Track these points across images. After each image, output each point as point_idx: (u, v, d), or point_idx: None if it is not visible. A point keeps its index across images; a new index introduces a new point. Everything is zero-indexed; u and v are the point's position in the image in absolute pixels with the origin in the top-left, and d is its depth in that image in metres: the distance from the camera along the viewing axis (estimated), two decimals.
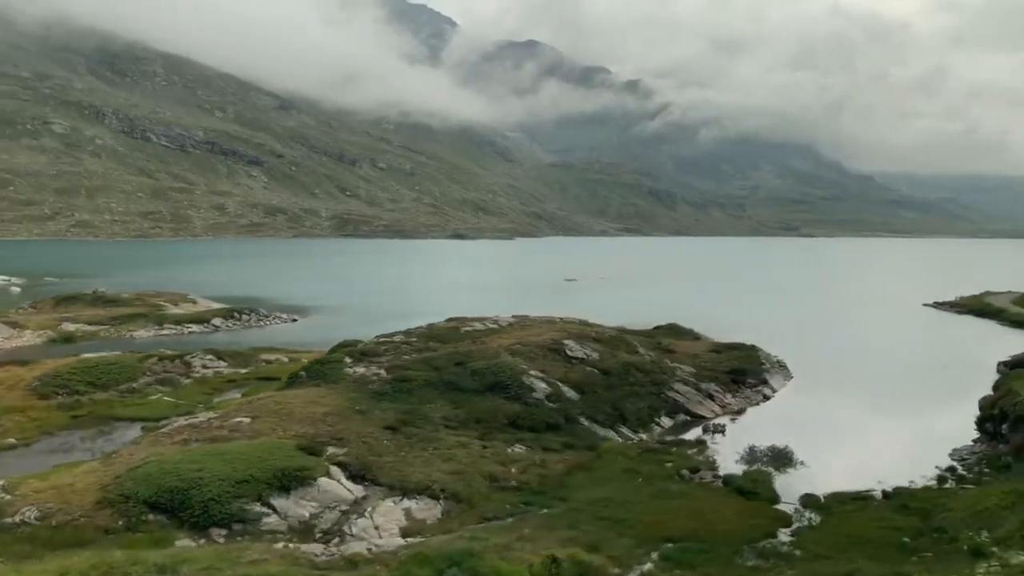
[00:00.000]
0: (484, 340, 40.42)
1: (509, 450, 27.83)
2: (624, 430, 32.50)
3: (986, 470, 27.16)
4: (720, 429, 33.46)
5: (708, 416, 35.21)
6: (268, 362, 42.37)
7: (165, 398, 35.43)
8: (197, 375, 39.83)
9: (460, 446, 27.49)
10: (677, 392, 36.18)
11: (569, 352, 37.65)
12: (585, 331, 42.18)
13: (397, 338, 40.32)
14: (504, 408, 31.47)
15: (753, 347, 45.06)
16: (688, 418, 35.12)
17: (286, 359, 43.24)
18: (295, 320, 58.38)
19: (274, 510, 22.06)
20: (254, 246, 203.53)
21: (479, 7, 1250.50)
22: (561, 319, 47.99)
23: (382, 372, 34.21)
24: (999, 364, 45.80)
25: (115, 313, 51.59)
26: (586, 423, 31.91)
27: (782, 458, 28.41)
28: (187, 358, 41.02)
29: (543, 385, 33.46)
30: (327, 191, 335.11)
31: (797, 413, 37.03)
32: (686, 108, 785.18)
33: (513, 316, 48.67)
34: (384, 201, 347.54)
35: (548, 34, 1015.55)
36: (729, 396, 37.94)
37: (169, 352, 42.52)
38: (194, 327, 50.17)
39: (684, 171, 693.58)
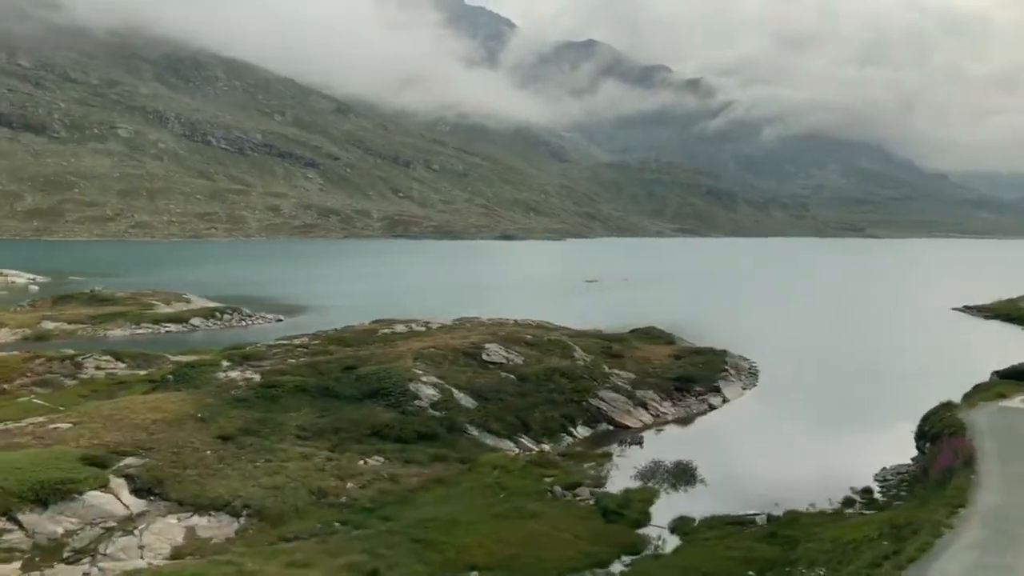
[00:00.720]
0: (396, 344, 39.54)
1: (361, 462, 26.36)
2: (524, 440, 31.09)
3: (902, 493, 25.17)
4: (639, 441, 31.86)
5: (634, 426, 33.68)
6: (181, 364, 38.89)
7: (35, 400, 33.17)
8: (85, 376, 37.92)
9: (301, 458, 25.89)
10: (602, 400, 34.77)
11: (486, 357, 36.69)
12: (518, 334, 41.42)
13: (298, 340, 39.99)
14: (375, 416, 30.09)
15: (722, 352, 43.82)
16: (611, 428, 33.57)
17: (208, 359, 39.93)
18: (280, 320, 58.89)
19: (20, 525, 20.21)
20: (300, 247, 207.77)
21: (538, 8, 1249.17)
22: (515, 321, 47.63)
23: (255, 377, 33.08)
24: (992, 374, 43.39)
25: (100, 312, 53.09)
26: (475, 432, 30.52)
27: (683, 475, 26.92)
28: (79, 359, 39.08)
29: (431, 392, 32.37)
30: (380, 192, 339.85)
31: (735, 425, 35.33)
32: (749, 106, 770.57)
33: (457, 319, 48.56)
34: (436, 202, 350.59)
35: (607, 33, 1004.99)
36: (667, 404, 36.51)
37: (64, 352, 40.61)
38: (172, 326, 51.02)
39: (745, 170, 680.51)
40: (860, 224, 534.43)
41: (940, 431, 26.16)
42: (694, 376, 38.83)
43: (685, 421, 35.56)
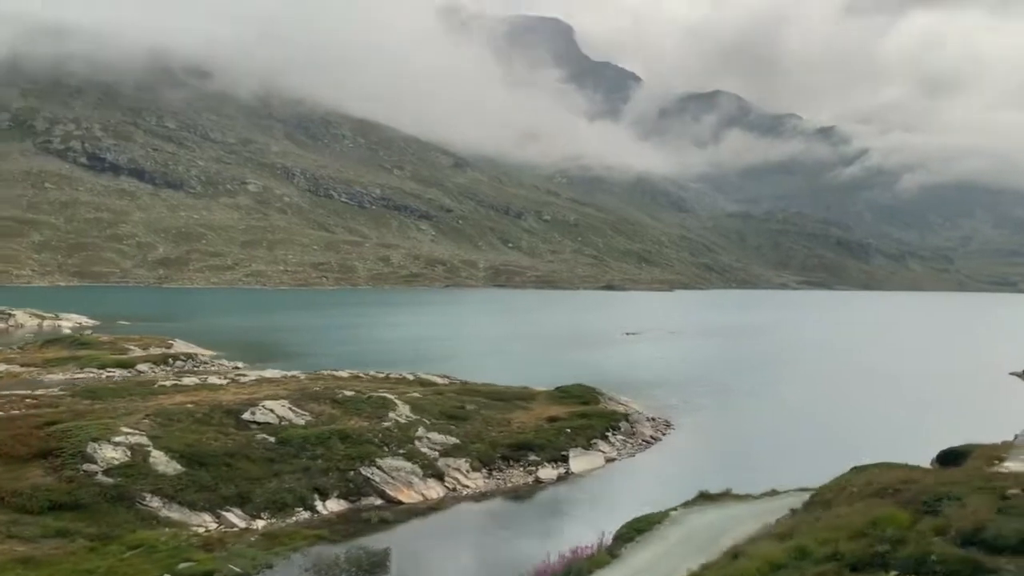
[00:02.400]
0: (157, 397, 36.41)
1: None
2: (233, 514, 26.35)
3: None
4: (387, 520, 27.01)
5: (411, 501, 28.98)
6: None
7: None
8: None
9: None
10: (379, 469, 30.19)
11: (249, 416, 32.59)
12: (335, 389, 37.85)
13: (40, 391, 36.65)
14: (19, 481, 25.79)
15: (623, 415, 39.60)
16: (380, 502, 28.81)
17: None
18: (237, 367, 58.48)
19: None
20: (393, 295, 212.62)
21: (665, 60, 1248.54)
22: (369, 374, 45.44)
23: None
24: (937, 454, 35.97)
25: (60, 356, 55.11)
26: (155, 504, 25.99)
27: (371, 567, 22.24)
28: None
29: (113, 454, 27.83)
30: (490, 243, 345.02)
31: (522, 510, 29.92)
32: (887, 152, 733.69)
33: (291, 374, 46.00)
34: (544, 252, 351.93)
35: (735, 83, 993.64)
36: (476, 476, 31.61)
37: None
38: (116, 371, 51.84)
39: (882, 220, 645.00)
40: (1012, 278, 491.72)
41: None
42: (532, 444, 34.23)
43: (483, 497, 30.43)
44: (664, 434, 40.82)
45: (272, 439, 30.97)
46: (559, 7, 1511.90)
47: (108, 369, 51.65)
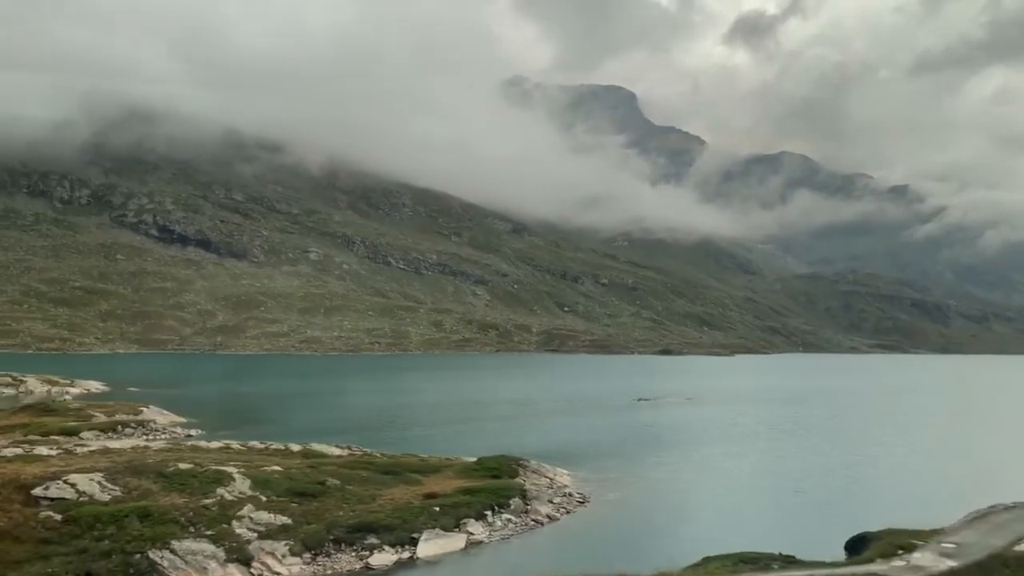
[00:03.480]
0: None
1: None
2: None
3: None
4: None
5: None
6: None
7: None
8: None
9: None
10: (172, 553, 27.49)
11: (40, 491, 30.42)
12: (168, 461, 35.60)
13: None
14: None
15: (501, 491, 36.55)
16: None
17: None
18: (189, 436, 57.51)
19: None
20: (438, 360, 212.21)
21: (731, 122, 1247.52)
22: (249, 445, 43.02)
23: None
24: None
25: (13, 422, 54.91)
26: None
27: None
28: None
29: None
30: (545, 307, 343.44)
31: None
32: (967, 209, 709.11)
33: (156, 444, 43.90)
34: (601, 316, 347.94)
35: (801, 144, 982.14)
36: (294, 561, 28.97)
37: None
38: (60, 439, 51.09)
39: (964, 280, 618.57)
40: None
41: None
42: (378, 525, 31.39)
43: None
44: (569, 512, 37.70)
45: (58, 517, 28.63)
46: (621, 75, 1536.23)
47: (50, 437, 51.19)
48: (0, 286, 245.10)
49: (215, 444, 46.74)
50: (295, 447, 46.25)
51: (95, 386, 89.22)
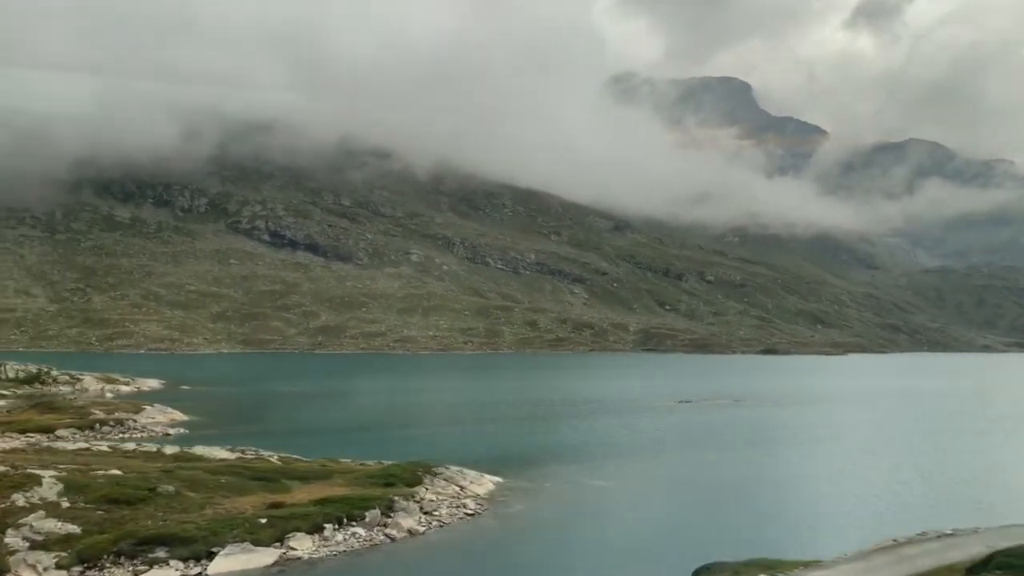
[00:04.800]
0: None
1: None
2: None
3: None
4: None
5: None
6: None
7: None
8: None
9: None
10: None
11: None
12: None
13: None
14: None
15: (359, 501, 34.04)
16: None
17: None
18: (167, 435, 57.40)
19: None
20: (521, 359, 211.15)
21: (854, 110, 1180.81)
22: (136, 448, 40.79)
23: None
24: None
25: (10, 419, 57.14)
26: None
27: None
28: None
29: None
30: (645, 305, 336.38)
31: None
32: None
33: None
34: (705, 315, 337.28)
35: (931, 131, 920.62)
36: (25, 572, 27.15)
37: None
38: (36, 436, 52.03)
39: None
40: None
41: None
42: (174, 537, 29.18)
43: None
44: (444, 525, 34.99)
45: None
46: (735, 66, 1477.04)
47: (28, 434, 52.84)
48: (123, 290, 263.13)
49: (130, 447, 46.32)
50: (171, 449, 45.16)
51: (151, 384, 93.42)
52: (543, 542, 36.22)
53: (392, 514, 34.61)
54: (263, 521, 32.07)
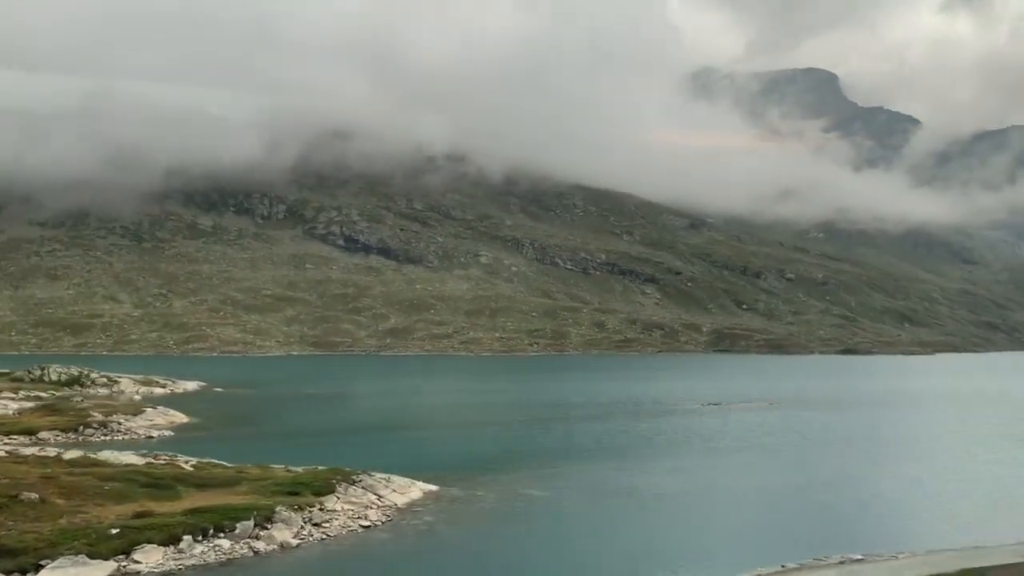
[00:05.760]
0: None
1: None
2: None
3: None
4: None
5: None
6: None
7: None
8: None
9: None
10: None
11: None
12: None
13: None
14: None
15: (226, 511, 32.19)
16: None
17: None
18: (151, 438, 57.21)
19: None
20: (582, 360, 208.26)
21: (948, 98, 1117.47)
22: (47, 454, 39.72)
23: None
24: None
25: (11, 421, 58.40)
26: None
27: None
28: None
29: None
30: (721, 305, 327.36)
31: None
32: None
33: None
34: (784, 314, 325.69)
35: None
36: None
37: None
38: (20, 438, 52.41)
39: None
40: None
41: None
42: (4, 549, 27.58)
43: None
44: (330, 537, 33.07)
45: None
46: (821, 56, 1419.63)
47: (11, 436, 53.66)
48: (203, 295, 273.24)
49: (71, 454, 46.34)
50: (72, 454, 44.40)
51: (189, 386, 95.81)
52: (416, 563, 34.04)
53: (269, 525, 33.13)
54: (114, 532, 30.82)
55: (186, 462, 44.20)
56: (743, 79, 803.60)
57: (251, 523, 32.93)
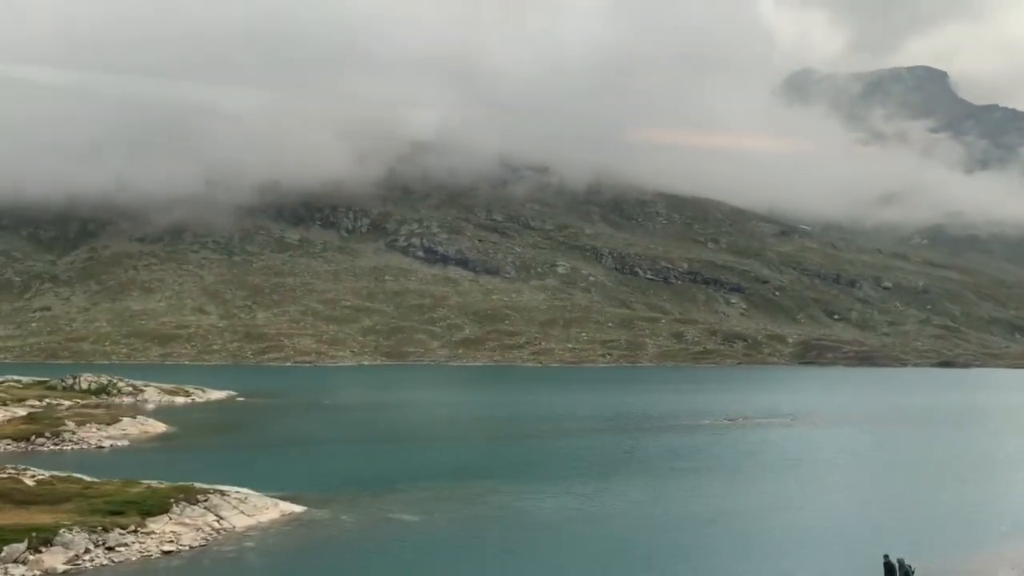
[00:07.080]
0: None
1: None
2: None
3: None
4: None
5: None
6: None
7: None
8: None
9: None
10: None
11: None
12: None
13: None
14: None
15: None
16: None
17: None
18: (101, 447, 56.01)
19: None
20: (650, 373, 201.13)
21: None
22: None
23: None
24: None
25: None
26: None
27: None
28: None
29: None
30: (810, 315, 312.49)
31: None
32: None
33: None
34: (880, 324, 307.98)
35: None
36: None
37: None
38: None
39: None
40: None
41: None
42: None
43: None
44: (105, 566, 30.18)
45: None
46: (929, 53, 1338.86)
47: None
48: (284, 306, 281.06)
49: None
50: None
51: (217, 395, 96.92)
52: None
53: (44, 549, 30.86)
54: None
55: (33, 476, 42.79)
56: (843, 80, 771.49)
57: (23, 546, 30.61)
